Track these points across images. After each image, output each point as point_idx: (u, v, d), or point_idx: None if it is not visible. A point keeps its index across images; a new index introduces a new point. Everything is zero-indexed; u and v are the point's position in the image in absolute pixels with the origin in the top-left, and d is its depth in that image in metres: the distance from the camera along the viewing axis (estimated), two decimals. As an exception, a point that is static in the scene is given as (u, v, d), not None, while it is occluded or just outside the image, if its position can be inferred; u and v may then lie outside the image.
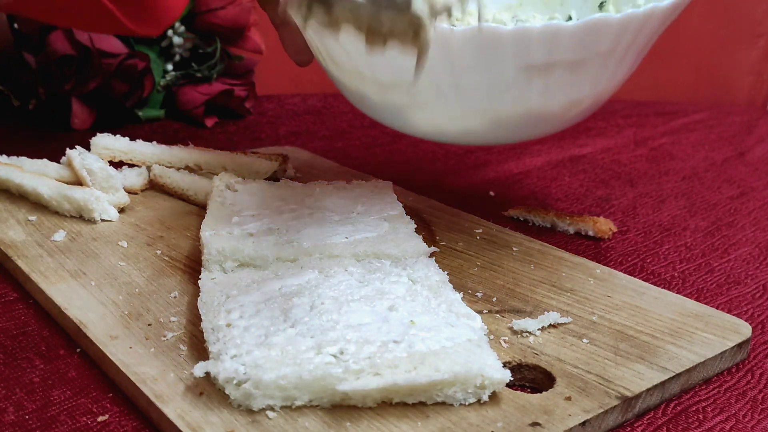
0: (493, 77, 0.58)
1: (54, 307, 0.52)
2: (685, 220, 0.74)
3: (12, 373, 0.46)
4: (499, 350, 0.47)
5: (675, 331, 0.50)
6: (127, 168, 0.74)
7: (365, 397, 0.41)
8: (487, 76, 0.58)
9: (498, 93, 0.60)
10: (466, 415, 0.41)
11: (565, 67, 0.59)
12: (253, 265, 0.54)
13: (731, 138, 1.02)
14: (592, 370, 0.45)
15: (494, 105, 0.61)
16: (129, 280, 0.55)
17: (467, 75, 0.58)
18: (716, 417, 0.45)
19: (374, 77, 0.61)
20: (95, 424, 0.42)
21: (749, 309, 0.57)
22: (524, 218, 0.72)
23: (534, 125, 0.64)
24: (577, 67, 0.59)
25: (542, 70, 0.58)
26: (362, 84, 0.63)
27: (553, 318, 0.50)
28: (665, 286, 0.58)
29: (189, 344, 0.47)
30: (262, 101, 1.13)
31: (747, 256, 0.66)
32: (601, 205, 0.76)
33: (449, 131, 0.65)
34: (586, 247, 0.67)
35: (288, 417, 0.41)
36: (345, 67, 0.62)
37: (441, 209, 0.70)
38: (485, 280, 0.56)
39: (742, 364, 0.50)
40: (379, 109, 0.65)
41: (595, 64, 0.60)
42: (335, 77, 0.66)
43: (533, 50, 0.56)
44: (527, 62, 0.57)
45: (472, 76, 0.58)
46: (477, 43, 0.56)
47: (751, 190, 0.83)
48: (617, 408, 0.43)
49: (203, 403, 0.41)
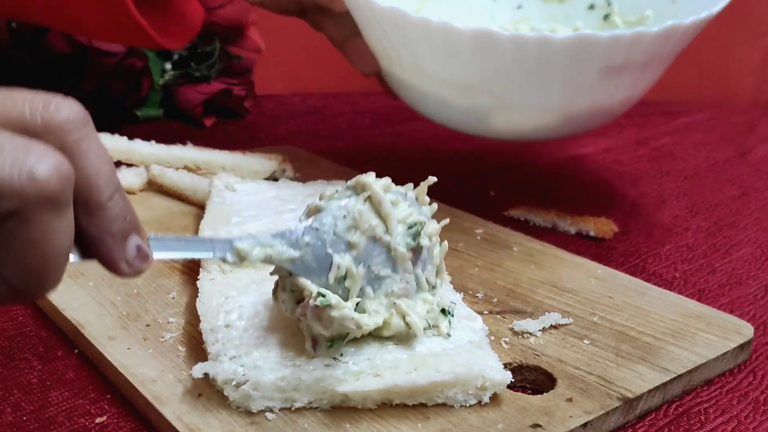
0: (577, 78, 0.65)
1: (52, 307, 0.51)
2: (687, 220, 0.74)
3: (10, 374, 0.46)
4: (500, 351, 0.46)
5: (676, 331, 0.49)
6: (125, 168, 0.73)
7: (365, 399, 0.41)
8: (573, 77, 0.65)
9: (576, 92, 0.67)
10: (467, 416, 0.41)
11: (634, 68, 0.66)
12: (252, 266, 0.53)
13: (733, 138, 1.02)
14: (594, 371, 0.45)
15: (570, 102, 0.68)
16: (127, 281, 0.54)
17: (555, 76, 0.65)
18: (718, 418, 0.44)
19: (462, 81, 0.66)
20: (93, 425, 0.42)
21: (751, 310, 0.57)
22: (525, 218, 0.72)
23: (594, 119, 0.72)
24: (642, 68, 0.67)
25: (617, 71, 0.65)
26: (445, 89, 0.67)
27: (554, 319, 0.50)
28: (667, 287, 0.57)
29: (187, 345, 0.47)
30: (261, 101, 1.13)
31: (749, 257, 0.66)
32: (603, 205, 0.76)
33: (524, 129, 0.71)
34: (587, 248, 0.66)
35: (287, 418, 0.41)
36: (430, 73, 0.67)
37: (441, 209, 0.69)
38: (486, 280, 0.56)
39: (744, 365, 0.50)
40: (460, 112, 0.70)
41: (653, 65, 0.68)
42: (410, 84, 0.70)
43: (617, 53, 0.64)
44: (608, 64, 0.64)
45: (559, 77, 0.65)
46: (575, 47, 0.62)
47: (753, 191, 0.83)
48: (618, 409, 0.42)
49: (202, 405, 0.41)
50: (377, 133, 1.02)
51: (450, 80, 0.67)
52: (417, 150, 0.95)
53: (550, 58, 0.63)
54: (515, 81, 0.65)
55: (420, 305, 0.44)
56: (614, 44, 0.62)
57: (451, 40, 0.63)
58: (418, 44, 0.65)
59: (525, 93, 0.66)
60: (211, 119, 1.03)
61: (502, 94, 0.66)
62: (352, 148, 0.95)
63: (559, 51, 0.62)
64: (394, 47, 0.68)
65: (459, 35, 0.62)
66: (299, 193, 0.65)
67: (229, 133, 1.00)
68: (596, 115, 0.71)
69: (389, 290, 0.43)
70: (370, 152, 0.93)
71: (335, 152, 0.93)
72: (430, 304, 0.45)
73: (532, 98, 0.66)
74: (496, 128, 0.71)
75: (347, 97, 1.15)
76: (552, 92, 0.66)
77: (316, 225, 0.41)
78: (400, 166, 0.88)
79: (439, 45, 0.64)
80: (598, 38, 0.62)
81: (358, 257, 0.42)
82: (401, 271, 0.43)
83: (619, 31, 0.62)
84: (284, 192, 0.65)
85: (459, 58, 0.64)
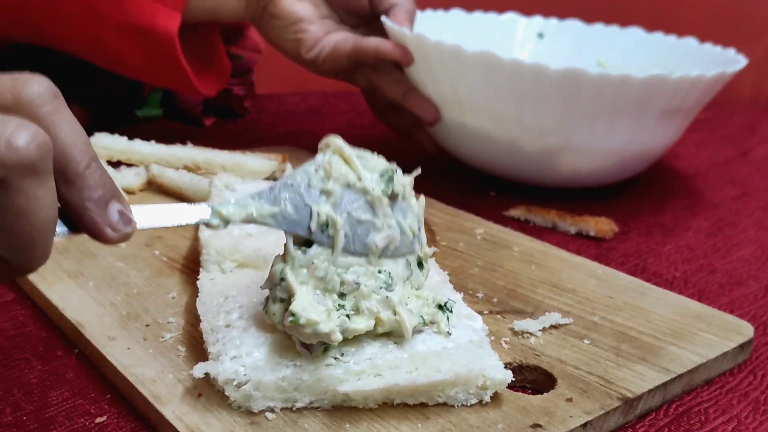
0: (640, 119, 0.70)
1: (52, 307, 0.51)
2: (687, 220, 0.74)
3: (10, 374, 0.46)
4: (500, 351, 0.46)
5: (677, 331, 0.49)
6: (125, 168, 0.73)
7: (366, 398, 0.41)
8: (638, 119, 0.69)
9: (635, 134, 0.71)
10: (467, 416, 0.41)
11: (685, 112, 0.72)
12: (252, 266, 0.53)
13: (734, 138, 1.02)
14: (594, 371, 0.45)
15: (627, 145, 0.72)
16: (127, 281, 0.54)
17: (624, 117, 0.69)
18: (718, 418, 0.44)
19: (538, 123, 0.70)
20: (93, 425, 0.42)
21: (751, 309, 0.57)
22: (525, 218, 0.72)
23: (641, 163, 0.76)
24: (687, 112, 0.72)
25: (672, 114, 0.70)
26: (520, 131, 0.71)
27: (554, 319, 0.50)
28: (667, 287, 0.57)
29: (187, 345, 0.47)
30: (261, 100, 1.13)
31: (749, 257, 0.66)
32: (603, 205, 0.76)
33: (582, 173, 0.75)
34: (588, 248, 0.66)
35: (287, 418, 0.41)
36: (506, 116, 0.71)
37: (441, 209, 0.69)
38: (486, 280, 0.56)
39: (744, 364, 0.50)
40: (526, 157, 0.73)
41: (693, 111, 0.74)
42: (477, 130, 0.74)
43: (677, 96, 0.68)
44: (668, 107, 0.69)
45: (627, 118, 0.69)
46: (650, 86, 0.66)
47: (754, 190, 0.83)
48: (619, 409, 0.42)
49: (202, 405, 0.41)
50: (377, 133, 1.02)
51: (526, 122, 0.70)
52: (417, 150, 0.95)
53: (624, 96, 0.67)
54: (589, 121, 0.69)
55: (414, 301, 0.44)
56: (679, 86, 0.67)
57: (540, 80, 0.67)
58: (504, 86, 0.69)
59: (594, 134, 0.70)
60: (211, 119, 1.03)
61: (572, 135, 0.70)
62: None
63: (634, 89, 0.66)
64: (470, 93, 0.71)
65: (550, 76, 0.66)
66: (299, 193, 0.65)
67: (229, 133, 1.00)
68: (645, 158, 0.76)
69: (373, 242, 0.43)
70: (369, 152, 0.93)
71: (335, 152, 0.92)
72: (425, 300, 0.45)
73: (599, 140, 0.70)
74: (560, 171, 0.74)
75: (347, 97, 1.15)
76: (616, 134, 0.70)
77: (290, 181, 0.42)
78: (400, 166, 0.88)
79: (528, 86, 0.68)
80: (667, 80, 0.66)
81: (336, 204, 0.42)
82: (381, 216, 0.44)
83: (684, 74, 0.67)
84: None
85: (544, 98, 0.68)
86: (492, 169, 0.78)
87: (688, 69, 0.73)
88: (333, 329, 0.41)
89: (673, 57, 0.86)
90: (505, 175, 0.77)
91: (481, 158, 0.77)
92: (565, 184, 0.77)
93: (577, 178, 0.75)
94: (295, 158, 0.82)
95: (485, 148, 0.75)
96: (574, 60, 0.90)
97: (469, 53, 0.68)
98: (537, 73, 0.66)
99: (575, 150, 0.71)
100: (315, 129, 1.03)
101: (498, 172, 0.77)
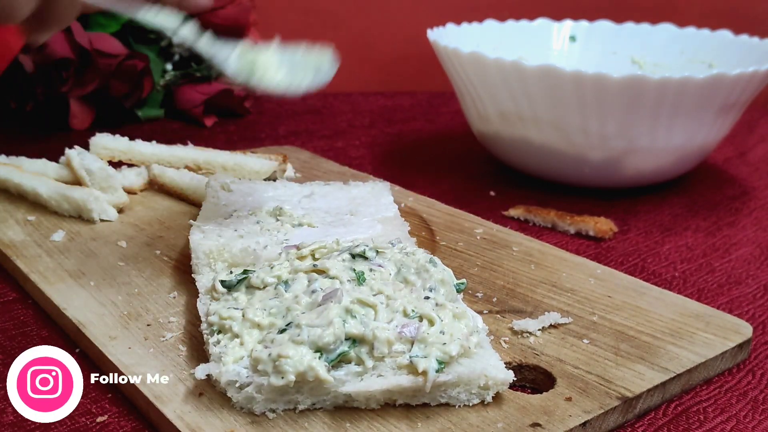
0: (700, 116, 0.71)
1: (53, 307, 0.51)
2: (686, 219, 0.74)
3: (11, 374, 0.46)
4: (500, 351, 0.47)
5: (676, 331, 0.50)
6: (126, 168, 0.74)
7: (369, 399, 0.41)
8: (697, 115, 0.70)
9: (695, 131, 0.72)
10: (467, 416, 0.41)
11: (740, 105, 0.73)
12: (243, 266, 0.53)
13: (732, 137, 1.02)
14: (593, 371, 0.45)
15: (688, 142, 0.73)
16: (128, 280, 0.55)
17: (684, 116, 0.70)
18: (717, 417, 0.45)
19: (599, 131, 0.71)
20: (94, 424, 0.42)
21: (750, 309, 0.57)
22: (524, 218, 0.72)
23: (694, 160, 0.78)
24: (741, 105, 0.73)
25: (726, 110, 0.72)
26: (584, 140, 0.72)
27: (553, 318, 0.50)
28: (666, 287, 0.58)
29: (188, 345, 0.47)
30: (261, 101, 1.13)
31: (748, 256, 0.66)
32: (603, 205, 0.76)
33: (645, 173, 0.76)
34: (587, 247, 0.67)
35: (288, 418, 0.41)
36: (571, 128, 0.72)
37: (441, 209, 0.69)
38: (485, 280, 0.56)
39: (743, 364, 0.50)
40: (594, 163, 0.74)
41: (747, 103, 0.74)
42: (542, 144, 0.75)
43: (735, 91, 0.69)
44: (725, 103, 0.70)
45: (687, 116, 0.70)
46: (710, 85, 0.67)
47: (753, 190, 0.83)
48: (618, 408, 0.43)
49: (203, 404, 0.41)
50: (377, 133, 1.02)
51: (589, 130, 0.71)
52: (417, 150, 0.95)
53: (685, 97, 0.67)
54: (651, 123, 0.70)
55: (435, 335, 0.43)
56: (737, 82, 0.68)
57: (602, 89, 0.68)
58: (567, 97, 0.70)
59: (656, 135, 0.71)
60: (211, 119, 1.03)
61: (635, 138, 0.71)
62: (352, 148, 0.95)
63: (695, 90, 0.67)
64: (532, 106, 0.72)
65: (612, 84, 0.67)
66: (296, 193, 0.65)
67: (229, 133, 1.00)
68: (703, 152, 0.77)
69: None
70: (370, 152, 0.94)
71: (335, 152, 0.93)
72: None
73: (661, 141, 0.71)
74: (623, 173, 0.75)
75: (347, 97, 1.15)
76: (677, 133, 0.71)
77: None
78: (400, 166, 0.88)
79: (590, 95, 0.69)
80: (726, 77, 0.67)
81: None
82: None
83: (740, 69, 0.67)
84: (281, 192, 0.65)
85: (606, 106, 0.69)
86: (556, 178, 0.79)
87: (725, 61, 0.75)
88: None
89: (708, 50, 0.87)
90: (569, 183, 0.78)
91: (545, 168, 0.78)
92: (629, 184, 0.78)
93: (641, 178, 0.77)
94: (295, 158, 0.82)
95: (549, 159, 0.76)
96: (608, 60, 0.92)
97: (529, 68, 0.69)
98: (599, 82, 0.67)
99: (638, 152, 0.73)
100: (315, 129, 1.03)
101: (561, 180, 0.78)
